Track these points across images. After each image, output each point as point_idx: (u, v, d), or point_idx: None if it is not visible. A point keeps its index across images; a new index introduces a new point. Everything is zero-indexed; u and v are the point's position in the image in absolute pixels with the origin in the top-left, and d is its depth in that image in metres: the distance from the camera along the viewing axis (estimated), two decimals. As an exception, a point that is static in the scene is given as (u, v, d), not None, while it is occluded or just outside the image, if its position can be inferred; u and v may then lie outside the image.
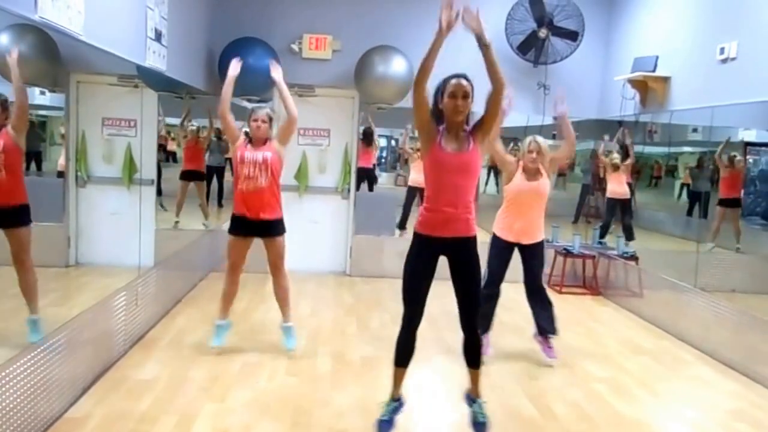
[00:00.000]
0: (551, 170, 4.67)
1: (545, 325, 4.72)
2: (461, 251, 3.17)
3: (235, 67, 4.52)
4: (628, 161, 7.43)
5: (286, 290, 4.62)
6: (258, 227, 4.45)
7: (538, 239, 4.63)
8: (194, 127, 7.46)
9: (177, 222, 7.24)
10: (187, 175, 7.29)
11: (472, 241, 3.18)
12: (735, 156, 6.59)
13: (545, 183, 4.59)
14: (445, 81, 3.07)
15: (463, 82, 3.05)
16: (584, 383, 4.40)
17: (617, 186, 7.46)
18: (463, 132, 3.12)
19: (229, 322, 4.65)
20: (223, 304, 4.62)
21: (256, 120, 4.41)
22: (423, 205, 3.21)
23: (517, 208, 4.57)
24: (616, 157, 7.49)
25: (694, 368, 4.87)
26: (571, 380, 4.45)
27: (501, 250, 4.62)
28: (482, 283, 4.56)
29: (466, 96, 3.04)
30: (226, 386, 3.98)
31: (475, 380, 3.35)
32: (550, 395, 4.14)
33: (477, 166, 3.14)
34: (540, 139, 4.62)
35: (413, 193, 7.96)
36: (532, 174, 4.57)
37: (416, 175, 7.96)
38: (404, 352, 3.27)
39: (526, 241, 4.59)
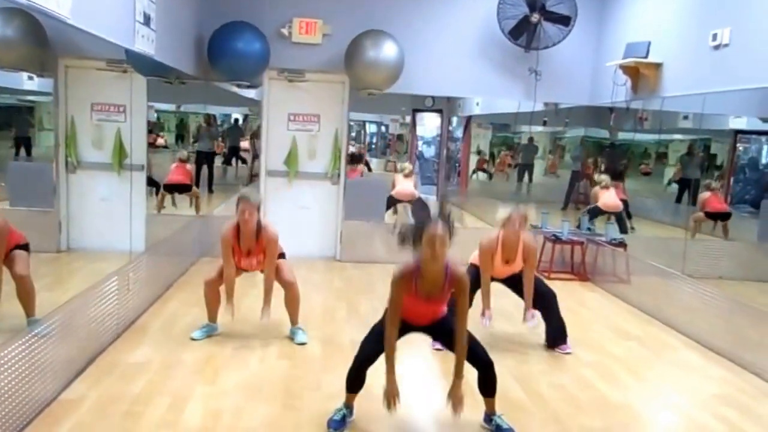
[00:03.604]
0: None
1: (561, 332, 4.79)
2: (437, 326, 3.38)
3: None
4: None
5: (295, 301, 4.66)
6: None
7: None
8: (184, 155, 7.49)
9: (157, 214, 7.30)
10: (170, 188, 7.30)
11: (445, 316, 3.35)
12: (710, 183, 6.74)
13: (519, 264, 4.58)
14: (424, 228, 3.01)
15: (439, 232, 2.98)
16: (572, 367, 4.46)
17: (609, 200, 7.49)
18: (441, 276, 3.15)
19: (217, 327, 4.67)
20: (209, 311, 4.64)
21: (243, 212, 4.29)
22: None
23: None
24: (604, 179, 7.55)
25: (680, 354, 4.93)
26: (559, 364, 4.51)
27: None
28: None
29: (443, 244, 3.01)
30: (217, 369, 4.02)
31: (490, 406, 3.43)
32: (538, 379, 4.20)
33: (445, 306, 3.32)
34: (524, 210, 4.56)
35: (393, 202, 7.89)
36: (510, 252, 4.53)
37: (398, 187, 7.94)
38: (357, 383, 3.36)
39: (508, 274, 4.65)
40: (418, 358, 4.44)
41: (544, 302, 4.72)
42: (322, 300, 5.80)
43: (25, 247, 3.73)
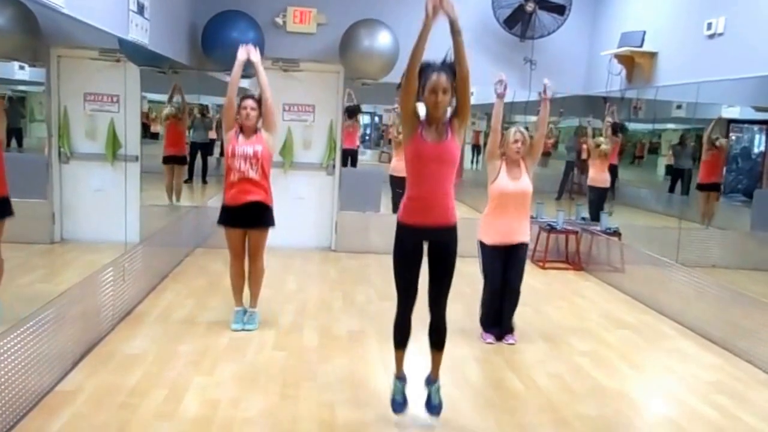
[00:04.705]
0: (534, 157, 4.65)
1: (507, 324, 4.73)
2: (442, 238, 3.25)
3: (243, 52, 4.48)
4: (617, 139, 7.50)
5: (259, 279, 4.67)
6: (247, 214, 4.45)
7: (523, 240, 4.63)
8: (173, 110, 7.36)
9: (171, 204, 7.25)
10: (168, 160, 7.24)
11: (452, 230, 3.26)
12: (717, 138, 6.68)
13: (527, 182, 4.58)
14: (427, 76, 3.07)
15: (443, 77, 3.05)
16: (567, 356, 4.48)
17: (598, 174, 7.51)
18: (442, 123, 3.17)
19: (244, 309, 4.67)
20: (235, 293, 4.67)
21: (244, 108, 4.39)
22: (405, 194, 3.26)
23: (502, 210, 4.55)
24: (602, 141, 7.52)
25: (674, 342, 4.97)
26: (554, 353, 4.53)
27: (492, 258, 4.61)
28: (483, 290, 4.71)
29: (445, 91, 3.06)
30: (214, 360, 4.02)
31: (436, 363, 3.41)
32: (534, 368, 4.22)
33: (456, 155, 3.20)
34: (523, 129, 4.63)
35: (395, 182, 7.87)
36: (514, 169, 4.56)
37: (397, 163, 7.88)
38: (402, 336, 3.35)
39: (511, 242, 4.59)
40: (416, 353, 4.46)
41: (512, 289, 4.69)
42: (317, 290, 5.81)
43: (6, 204, 3.56)
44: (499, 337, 4.69)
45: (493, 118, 4.58)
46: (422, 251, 3.25)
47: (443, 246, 3.24)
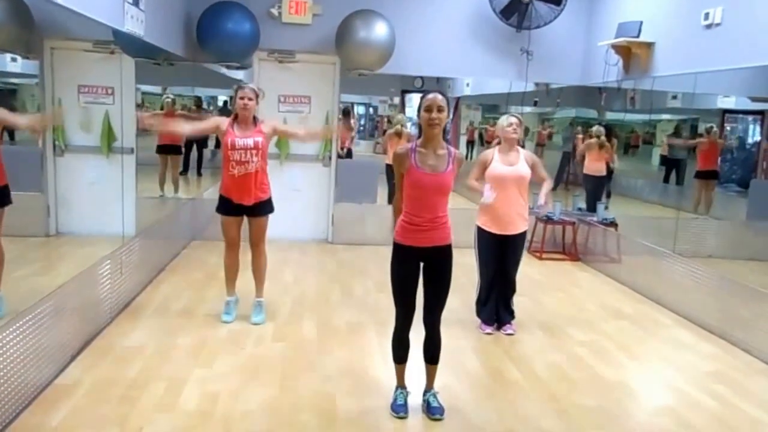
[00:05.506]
0: (536, 170, 4.64)
1: (505, 315, 4.74)
2: (438, 258, 3.31)
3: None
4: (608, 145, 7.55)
5: (262, 267, 4.66)
6: (247, 208, 4.45)
7: (522, 229, 4.61)
8: (170, 99, 7.31)
9: (161, 195, 7.21)
10: (163, 149, 7.21)
11: (448, 249, 3.32)
12: (712, 127, 6.70)
13: (525, 167, 4.55)
14: (423, 97, 3.21)
15: (439, 97, 3.16)
16: (565, 346, 4.49)
17: (594, 163, 7.53)
18: (443, 149, 3.22)
19: (236, 298, 4.67)
20: (228, 281, 4.66)
21: (242, 98, 4.34)
22: (402, 215, 3.30)
23: (500, 196, 4.49)
24: (600, 131, 7.52)
25: (672, 332, 4.98)
26: (553, 344, 4.54)
27: (489, 244, 4.59)
28: (479, 279, 4.73)
29: (440, 109, 3.14)
30: (213, 352, 4.01)
31: (431, 375, 3.44)
32: (533, 358, 4.23)
33: (451, 184, 3.28)
34: (517, 114, 4.63)
35: (392, 172, 7.83)
36: (511, 156, 4.54)
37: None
38: (402, 351, 3.40)
39: (510, 232, 4.56)
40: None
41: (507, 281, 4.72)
42: (315, 283, 5.80)
43: (5, 193, 3.56)
44: (499, 326, 4.70)
45: (470, 181, 4.61)
46: (419, 269, 3.32)
47: (439, 264, 3.31)
